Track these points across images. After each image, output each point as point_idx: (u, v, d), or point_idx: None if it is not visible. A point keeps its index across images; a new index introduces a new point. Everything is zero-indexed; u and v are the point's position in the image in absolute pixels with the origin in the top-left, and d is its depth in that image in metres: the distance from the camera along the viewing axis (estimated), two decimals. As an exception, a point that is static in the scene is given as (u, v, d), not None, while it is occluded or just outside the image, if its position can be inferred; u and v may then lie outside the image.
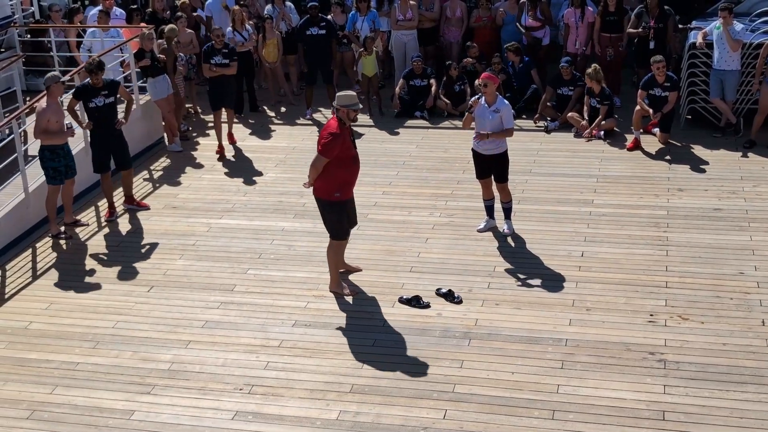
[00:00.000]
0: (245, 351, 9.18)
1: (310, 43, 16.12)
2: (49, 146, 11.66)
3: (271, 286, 10.47)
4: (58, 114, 11.67)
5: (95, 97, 12.16)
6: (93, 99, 12.14)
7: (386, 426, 7.94)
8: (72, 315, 10.07)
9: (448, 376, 8.57)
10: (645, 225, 11.54)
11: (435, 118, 15.95)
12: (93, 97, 12.15)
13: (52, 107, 11.62)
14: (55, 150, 11.69)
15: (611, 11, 15.89)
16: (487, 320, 9.50)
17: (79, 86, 12.53)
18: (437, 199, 12.59)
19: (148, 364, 9.01)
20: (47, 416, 8.28)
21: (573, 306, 9.71)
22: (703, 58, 14.53)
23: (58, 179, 11.79)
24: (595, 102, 14.74)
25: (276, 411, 8.21)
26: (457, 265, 10.71)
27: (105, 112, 12.22)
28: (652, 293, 9.89)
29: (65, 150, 11.79)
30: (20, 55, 15.42)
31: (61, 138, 11.71)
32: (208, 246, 11.55)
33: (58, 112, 11.68)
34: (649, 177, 13.09)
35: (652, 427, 7.74)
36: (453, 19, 17.24)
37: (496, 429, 7.83)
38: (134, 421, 8.16)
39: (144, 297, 10.38)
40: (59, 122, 11.65)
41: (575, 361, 8.71)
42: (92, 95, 12.15)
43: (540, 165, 13.69)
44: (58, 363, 9.11)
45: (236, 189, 13.27)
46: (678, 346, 8.87)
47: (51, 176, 11.77)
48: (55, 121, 11.60)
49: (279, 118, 16.42)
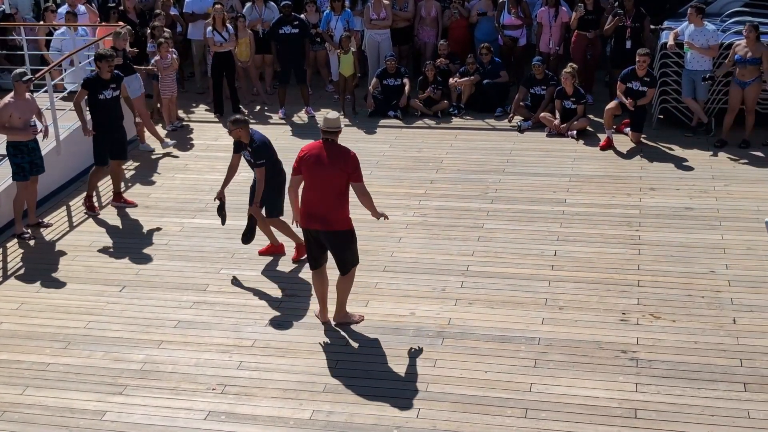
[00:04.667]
0: (218, 351, 9.14)
1: (284, 42, 16.08)
2: (13, 142, 11.56)
3: (244, 285, 10.44)
4: (22, 110, 11.54)
5: (105, 89, 12.16)
6: (103, 91, 12.14)
7: (359, 425, 7.93)
8: (42, 315, 9.99)
9: (421, 375, 8.57)
10: (617, 224, 11.60)
11: (408, 118, 15.95)
12: (103, 89, 12.15)
13: (16, 103, 11.49)
14: (18, 146, 11.56)
15: (589, 9, 15.97)
16: (460, 319, 9.51)
17: (88, 78, 12.43)
18: (411, 198, 12.59)
19: (120, 365, 8.96)
20: (18, 417, 8.21)
21: (546, 305, 9.74)
22: (675, 57, 14.61)
23: (21, 175, 11.68)
24: (569, 104, 14.78)
25: (249, 411, 8.18)
26: (430, 264, 10.72)
27: (112, 104, 12.23)
28: (625, 292, 9.94)
29: (30, 147, 11.67)
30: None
31: (24, 135, 11.58)
32: (180, 245, 11.50)
33: (22, 109, 11.55)
34: (621, 176, 13.15)
35: (624, 425, 7.78)
36: (428, 18, 17.25)
37: (469, 428, 7.83)
38: (106, 421, 8.11)
39: (116, 297, 10.32)
40: (22, 118, 11.53)
41: (548, 360, 8.73)
42: (102, 87, 12.14)
43: (513, 164, 13.72)
44: (28, 363, 9.04)
45: (209, 188, 13.20)
46: (650, 345, 8.91)
47: (15, 172, 11.70)
48: (18, 117, 11.48)
49: (252, 118, 16.35)
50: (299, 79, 16.29)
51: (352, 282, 9.47)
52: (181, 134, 15.58)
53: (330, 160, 8.96)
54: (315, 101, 16.56)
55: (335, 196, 8.99)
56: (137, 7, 17.24)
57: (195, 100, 17.28)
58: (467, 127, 15.54)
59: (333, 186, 8.97)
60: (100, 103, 12.21)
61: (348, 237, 9.20)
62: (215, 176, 13.65)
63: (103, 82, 12.21)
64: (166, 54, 15.27)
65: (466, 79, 16.04)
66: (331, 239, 9.14)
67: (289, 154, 14.19)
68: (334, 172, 8.94)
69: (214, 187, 13.11)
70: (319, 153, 9.04)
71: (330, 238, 9.13)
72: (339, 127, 9.10)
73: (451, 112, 16.06)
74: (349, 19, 16.97)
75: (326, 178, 8.97)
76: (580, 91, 14.83)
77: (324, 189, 8.99)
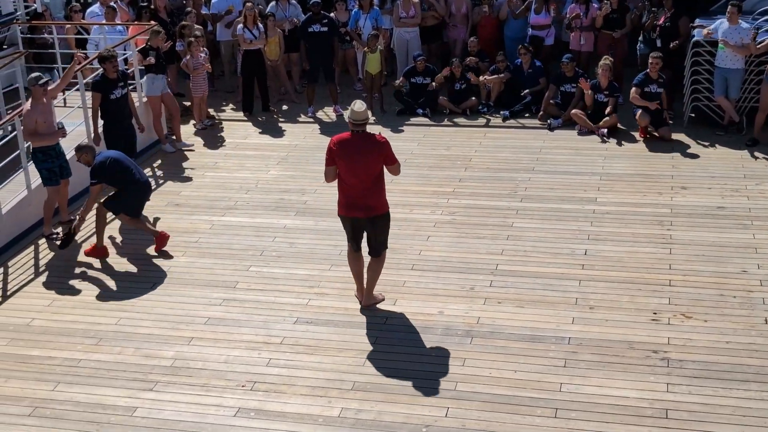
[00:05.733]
0: (247, 348, 9.17)
1: (312, 40, 16.11)
2: (41, 148, 11.54)
3: (273, 283, 10.46)
4: (45, 114, 11.54)
5: (114, 89, 12.27)
6: (113, 91, 12.26)
7: (388, 424, 7.92)
8: (74, 312, 10.06)
9: (450, 374, 8.56)
10: (648, 223, 11.53)
11: (437, 116, 15.93)
12: (113, 89, 12.26)
13: (37, 108, 11.45)
14: (47, 151, 11.55)
15: (614, 8, 15.89)
16: (489, 318, 9.48)
17: (98, 81, 12.55)
18: (439, 196, 12.57)
19: (150, 361, 9.00)
20: (49, 413, 8.27)
21: (576, 304, 9.69)
22: (707, 56, 14.51)
23: (53, 180, 11.69)
24: (601, 97, 14.71)
25: (278, 408, 8.20)
26: (459, 263, 10.69)
27: (122, 103, 12.33)
28: (656, 291, 9.87)
29: (57, 150, 11.70)
30: (22, 51, 15.40)
31: (52, 139, 11.59)
32: (210, 243, 11.54)
33: (45, 113, 11.56)
34: (652, 175, 13.07)
35: (655, 425, 7.73)
36: (458, 15, 17.23)
37: (498, 427, 7.81)
38: (137, 417, 8.15)
39: (147, 294, 10.37)
40: (47, 122, 11.56)
41: (578, 360, 8.69)
42: (112, 87, 12.25)
43: (543, 162, 13.67)
44: (60, 360, 9.10)
45: (239, 186, 13.26)
46: (681, 345, 8.85)
47: (46, 177, 11.67)
48: (43, 122, 11.49)
49: (281, 116, 16.41)
50: (328, 77, 16.31)
51: (382, 266, 9.78)
52: (211, 133, 15.64)
53: (364, 149, 9.25)
54: (343, 100, 16.55)
55: (374, 183, 9.34)
56: (168, 7, 17.32)
57: (225, 99, 17.33)
58: (496, 125, 15.49)
59: (371, 173, 9.30)
60: (112, 102, 12.34)
61: (387, 219, 9.59)
62: (245, 174, 13.72)
63: (111, 81, 12.31)
64: (197, 53, 15.33)
65: (495, 77, 15.99)
66: (374, 223, 9.50)
67: (316, 152, 14.35)
68: (369, 159, 9.24)
69: (244, 185, 13.25)
70: (351, 143, 9.29)
71: (372, 222, 9.48)
72: (366, 118, 9.31)
73: (480, 110, 16.02)
74: (378, 17, 16.96)
75: (364, 167, 9.25)
76: (614, 86, 14.78)
77: (363, 177, 9.29)
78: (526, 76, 15.93)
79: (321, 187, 12.94)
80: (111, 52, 12.64)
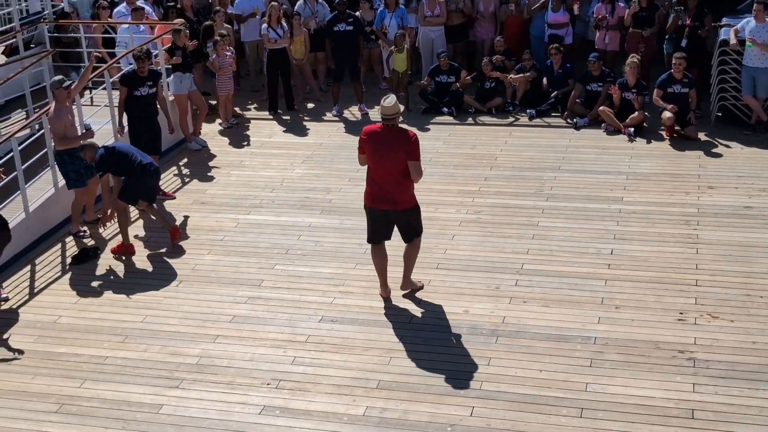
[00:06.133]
0: (272, 346, 9.19)
1: (338, 39, 16.12)
2: (67, 150, 11.56)
3: (298, 281, 10.48)
4: (72, 117, 11.63)
5: (141, 86, 12.36)
6: (139, 88, 12.34)
7: (413, 422, 7.92)
8: (101, 309, 10.12)
9: (476, 373, 8.54)
10: (675, 223, 11.46)
11: (462, 115, 15.90)
12: (139, 85, 12.35)
13: (63, 112, 11.49)
14: (73, 153, 11.56)
15: (642, 6, 15.82)
16: (514, 318, 9.45)
17: (126, 73, 12.67)
18: (464, 195, 12.55)
19: (176, 359, 9.04)
20: (76, 410, 8.32)
21: (602, 304, 9.66)
22: (734, 55, 14.42)
23: (81, 182, 11.74)
24: (629, 95, 14.63)
25: (303, 406, 8.21)
26: (484, 262, 10.67)
27: (148, 101, 12.40)
28: (682, 291, 9.82)
29: None
30: (50, 50, 15.50)
31: (81, 139, 11.66)
32: (236, 241, 11.57)
33: (71, 116, 11.64)
34: (679, 174, 12.99)
35: (681, 425, 7.69)
36: (486, 15, 17.21)
37: (523, 427, 7.79)
38: (162, 415, 8.19)
39: (173, 291, 10.42)
40: (74, 125, 11.65)
41: (604, 359, 8.65)
42: (138, 84, 12.32)
43: (569, 161, 13.62)
44: (86, 357, 9.16)
45: (264, 185, 13.29)
46: (708, 345, 8.80)
47: (74, 180, 11.71)
48: (71, 125, 11.56)
49: (306, 115, 16.43)
50: (353, 76, 16.32)
51: (418, 249, 9.86)
52: (237, 131, 15.68)
53: (393, 143, 9.30)
54: (368, 98, 16.56)
55: (401, 177, 9.35)
56: (194, 6, 17.40)
57: (250, 98, 17.37)
58: (522, 124, 15.46)
59: (397, 167, 9.32)
60: (135, 99, 12.41)
61: (415, 213, 9.65)
62: (270, 173, 13.75)
63: (139, 78, 12.40)
64: (223, 52, 15.37)
65: (521, 76, 15.95)
66: (400, 217, 9.58)
67: (342, 151, 14.42)
68: (397, 154, 9.26)
69: (269, 184, 13.28)
70: (381, 136, 9.38)
71: (398, 216, 9.56)
72: (397, 112, 9.33)
73: (505, 109, 15.98)
74: (403, 16, 16.94)
75: (391, 160, 9.31)
76: (641, 84, 14.71)
77: (389, 170, 9.36)
78: (555, 76, 15.87)
79: (346, 186, 12.99)
80: (143, 53, 12.67)
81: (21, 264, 11.20)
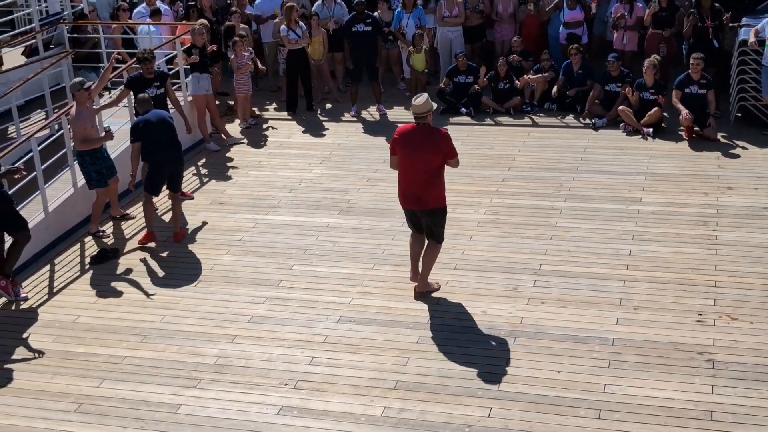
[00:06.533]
0: (290, 346, 9.20)
1: (356, 40, 16.14)
2: (89, 151, 11.64)
3: (315, 282, 10.49)
4: (92, 119, 11.70)
5: (147, 87, 12.37)
6: (145, 89, 12.32)
7: (431, 423, 7.92)
8: (119, 309, 10.16)
9: (493, 374, 8.53)
10: (694, 223, 11.42)
11: (480, 115, 15.89)
12: (145, 87, 12.34)
13: (84, 114, 11.57)
14: (94, 154, 11.67)
15: (663, 7, 15.76)
16: (532, 318, 9.44)
17: (132, 76, 12.72)
18: (482, 196, 12.53)
19: (194, 359, 9.07)
20: (94, 409, 8.36)
21: (620, 305, 9.63)
22: (753, 55, 14.35)
23: (102, 182, 11.83)
24: (647, 95, 14.58)
25: (321, 406, 8.22)
26: (502, 262, 10.66)
27: (157, 102, 12.40)
28: (701, 292, 9.78)
29: (103, 152, 11.85)
30: (69, 51, 15.58)
31: (102, 141, 11.74)
32: (254, 242, 11.60)
33: (92, 117, 11.70)
34: (698, 175, 12.94)
35: (700, 427, 7.65)
36: (505, 15, 17.19)
37: (541, 428, 7.77)
38: (180, 414, 8.21)
39: (191, 291, 10.45)
40: (94, 126, 11.71)
41: (622, 361, 8.63)
42: (145, 85, 12.34)
43: (587, 162, 13.59)
44: (105, 357, 9.19)
45: (282, 185, 13.31)
46: (727, 346, 8.76)
47: (95, 180, 11.80)
48: (91, 126, 11.62)
49: (324, 115, 16.45)
50: (371, 76, 16.32)
51: (437, 253, 9.93)
52: (255, 132, 15.71)
53: (423, 143, 9.40)
54: (387, 99, 16.58)
55: (430, 176, 9.44)
56: (213, 6, 17.46)
57: (268, 98, 17.40)
58: (540, 125, 15.43)
59: (427, 167, 9.42)
60: None
61: (441, 215, 9.69)
62: (288, 173, 13.77)
63: (145, 80, 12.40)
64: (241, 52, 15.40)
65: (539, 76, 15.93)
66: (426, 217, 9.66)
67: (360, 152, 14.43)
68: (428, 153, 9.39)
69: (287, 184, 13.31)
70: (412, 135, 9.48)
71: (425, 215, 9.66)
72: (428, 110, 9.44)
73: (523, 110, 15.96)
74: (421, 16, 16.94)
75: (420, 160, 9.41)
76: (660, 84, 14.65)
77: (418, 170, 9.45)
78: (575, 76, 15.81)
79: (364, 186, 13.01)
80: (148, 54, 12.72)
81: (40, 264, 11.27)
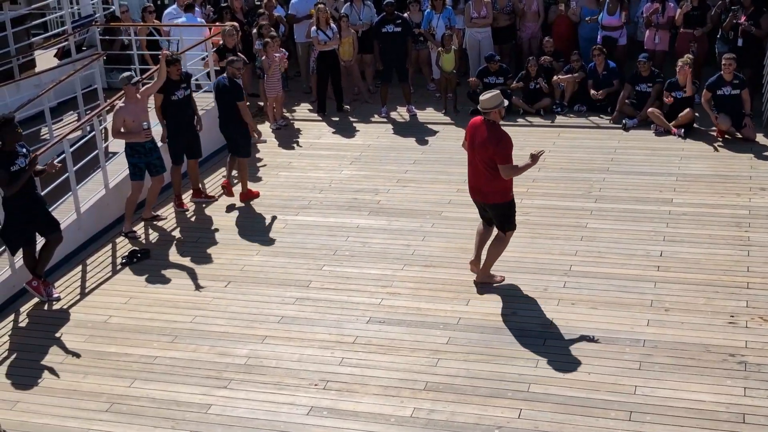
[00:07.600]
0: (320, 347, 9.23)
1: (386, 40, 16.15)
2: (130, 143, 11.87)
3: (345, 282, 10.51)
4: (134, 114, 11.79)
5: (177, 90, 12.44)
6: (175, 92, 12.42)
7: (460, 424, 7.91)
8: (151, 309, 10.22)
9: (524, 375, 8.51)
10: (726, 225, 11.33)
11: (510, 116, 15.81)
12: (175, 90, 12.43)
13: (127, 107, 11.76)
14: (135, 147, 11.88)
15: (694, 6, 15.65)
16: (563, 320, 9.40)
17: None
18: (513, 197, 12.49)
19: (224, 359, 9.11)
20: (126, 409, 8.42)
21: (651, 306, 9.57)
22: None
23: (137, 175, 11.99)
24: (680, 94, 14.47)
25: (351, 407, 8.23)
26: (532, 263, 10.62)
27: (184, 103, 12.52)
28: (733, 294, 9.70)
29: (147, 148, 11.94)
30: (101, 53, 15.69)
31: (138, 137, 11.85)
32: (284, 242, 11.63)
33: (134, 112, 11.80)
34: (730, 176, 12.84)
35: (732, 429, 7.60)
36: (528, 13, 17.14)
37: (571, 429, 7.75)
38: (211, 414, 8.26)
39: (221, 292, 10.49)
40: (135, 121, 11.79)
41: (653, 362, 8.58)
42: (174, 88, 12.42)
43: (618, 163, 13.52)
44: (136, 357, 9.26)
45: (312, 186, 13.34)
46: (759, 348, 8.69)
47: (132, 172, 12.03)
48: (131, 120, 11.75)
49: (354, 116, 16.46)
50: (401, 77, 16.32)
51: (505, 245, 10.11)
52: (286, 133, 15.75)
53: (484, 138, 9.63)
54: (416, 100, 16.57)
55: (489, 171, 9.65)
56: (244, 8, 17.53)
57: (299, 99, 17.43)
58: (570, 125, 15.37)
59: (485, 162, 9.65)
60: (173, 103, 12.49)
61: (504, 208, 9.91)
62: (318, 174, 13.80)
63: (173, 83, 12.47)
64: (272, 54, 15.44)
65: (569, 76, 15.86)
66: (491, 209, 9.95)
67: (390, 152, 14.44)
68: (485, 151, 9.61)
69: (317, 185, 13.34)
70: (477, 129, 9.79)
71: (489, 208, 9.95)
72: (493, 107, 9.62)
73: (553, 110, 15.90)
74: (451, 17, 16.91)
75: (479, 154, 9.67)
76: (693, 84, 14.54)
77: (478, 163, 9.73)
78: (601, 78, 15.73)
79: (394, 187, 13.01)
80: (175, 56, 12.79)
81: (72, 264, 11.37)
